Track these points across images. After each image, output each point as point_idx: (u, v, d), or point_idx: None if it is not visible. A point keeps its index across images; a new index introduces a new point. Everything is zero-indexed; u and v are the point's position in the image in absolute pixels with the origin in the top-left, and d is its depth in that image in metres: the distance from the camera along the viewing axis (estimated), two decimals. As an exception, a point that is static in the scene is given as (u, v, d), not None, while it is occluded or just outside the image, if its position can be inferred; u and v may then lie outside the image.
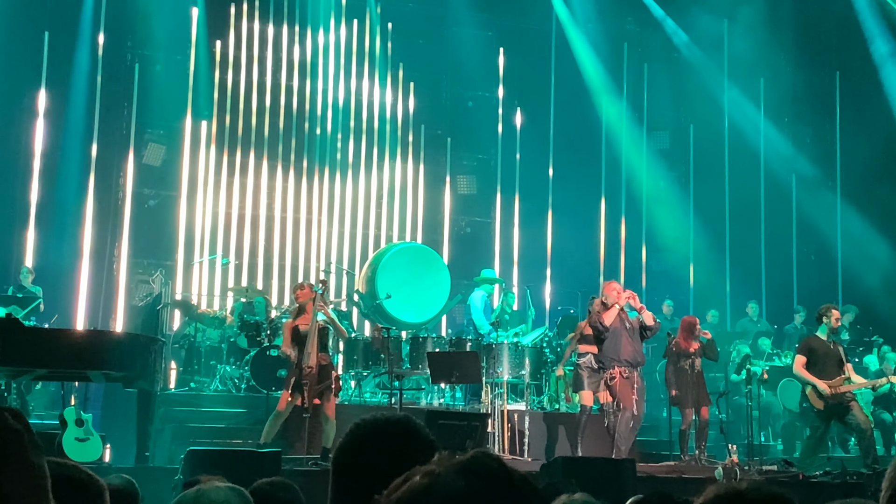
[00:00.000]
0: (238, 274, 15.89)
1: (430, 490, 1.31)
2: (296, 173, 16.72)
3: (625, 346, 10.60)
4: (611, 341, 10.61)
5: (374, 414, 2.01)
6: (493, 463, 1.34)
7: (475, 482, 1.30)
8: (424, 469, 1.35)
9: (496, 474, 1.32)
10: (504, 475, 1.33)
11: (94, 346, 8.31)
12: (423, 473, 1.34)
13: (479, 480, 1.31)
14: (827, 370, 10.69)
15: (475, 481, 1.30)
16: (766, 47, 17.81)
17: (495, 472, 1.33)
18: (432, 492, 1.30)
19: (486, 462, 1.34)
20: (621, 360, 10.56)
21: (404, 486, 1.34)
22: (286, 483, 3.82)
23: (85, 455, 8.47)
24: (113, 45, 15.68)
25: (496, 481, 1.32)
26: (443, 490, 1.30)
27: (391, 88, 17.71)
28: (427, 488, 1.31)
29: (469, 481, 1.30)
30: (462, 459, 1.35)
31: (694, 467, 10.71)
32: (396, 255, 13.77)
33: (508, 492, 1.31)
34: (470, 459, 1.34)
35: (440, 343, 12.59)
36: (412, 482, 1.34)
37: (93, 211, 15.25)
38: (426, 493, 1.31)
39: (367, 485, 1.49)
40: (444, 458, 1.36)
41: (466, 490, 1.30)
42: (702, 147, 18.69)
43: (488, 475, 1.32)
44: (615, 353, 10.59)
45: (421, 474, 1.34)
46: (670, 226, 18.40)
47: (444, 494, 1.29)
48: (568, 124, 18.24)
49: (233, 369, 12.20)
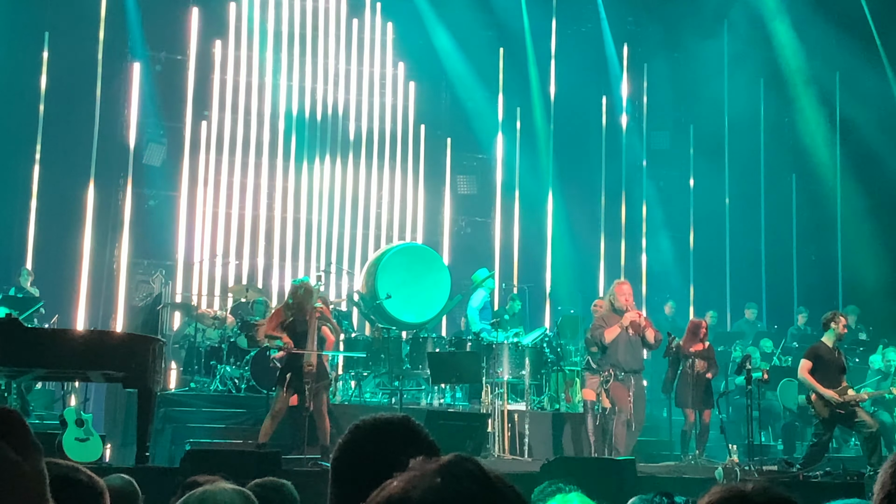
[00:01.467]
0: (238, 274, 15.89)
1: (408, 491, 1.31)
2: (296, 173, 16.72)
3: (623, 351, 10.58)
4: (609, 346, 10.61)
5: (374, 415, 2.01)
6: (470, 465, 1.34)
7: (452, 482, 1.30)
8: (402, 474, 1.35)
9: (474, 475, 1.32)
10: (482, 476, 1.33)
11: (95, 347, 8.30)
12: (400, 478, 1.34)
13: (456, 480, 1.31)
14: (830, 378, 10.65)
15: (452, 481, 1.30)
16: (767, 46, 17.81)
17: (473, 474, 1.32)
18: (410, 493, 1.30)
19: (464, 465, 1.34)
20: (618, 364, 10.55)
21: (383, 491, 1.34)
22: (278, 483, 3.81)
23: (85, 455, 8.46)
24: (112, 45, 15.68)
25: (474, 481, 1.31)
26: (420, 492, 1.30)
27: (391, 88, 17.72)
28: (405, 490, 1.31)
29: (446, 481, 1.30)
30: (440, 462, 1.34)
31: (694, 467, 10.72)
32: (396, 255, 13.76)
33: (486, 492, 1.31)
34: (447, 462, 1.34)
35: (440, 343, 12.58)
36: (389, 486, 1.34)
37: (93, 211, 15.25)
38: (404, 496, 1.30)
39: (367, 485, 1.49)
40: (421, 462, 1.36)
41: (444, 489, 1.29)
42: (702, 147, 18.68)
43: (467, 476, 1.32)
44: (613, 357, 10.58)
45: (398, 479, 1.34)
46: (670, 226, 18.41)
47: (422, 495, 1.29)
48: (568, 124, 18.25)
49: (233, 369, 12.19)
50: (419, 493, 1.30)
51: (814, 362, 10.72)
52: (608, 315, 10.75)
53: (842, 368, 10.81)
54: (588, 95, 18.43)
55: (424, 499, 1.29)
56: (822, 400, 10.60)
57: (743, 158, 18.59)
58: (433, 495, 1.29)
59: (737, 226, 18.55)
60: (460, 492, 1.30)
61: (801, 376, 10.80)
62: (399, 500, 1.31)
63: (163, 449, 10.68)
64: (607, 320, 10.67)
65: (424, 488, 1.30)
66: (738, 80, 18.39)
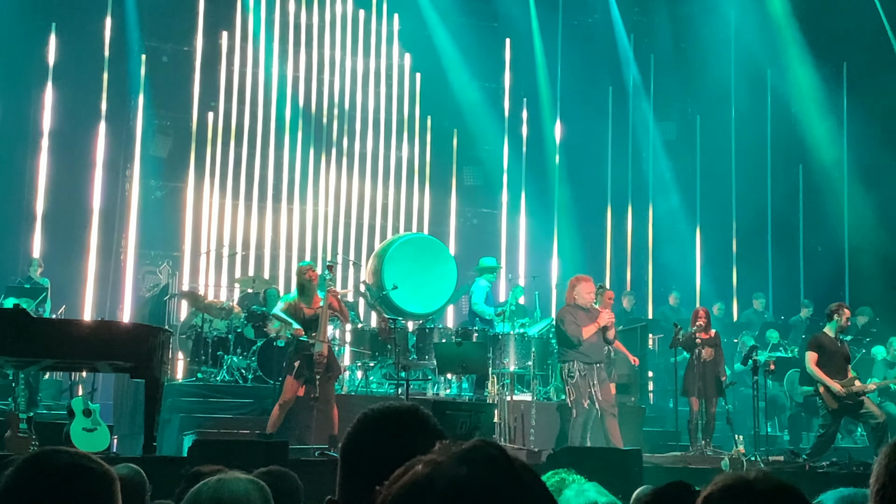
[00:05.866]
0: (245, 265, 15.92)
1: (432, 478, 1.30)
2: (302, 164, 16.73)
3: (588, 344, 10.56)
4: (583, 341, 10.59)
5: (382, 403, 2.02)
6: (494, 451, 1.34)
7: (477, 469, 1.30)
8: (425, 458, 1.34)
9: (498, 462, 1.32)
10: (506, 462, 1.33)
11: (102, 337, 8.32)
12: (424, 462, 1.33)
13: (481, 468, 1.30)
14: (835, 368, 10.70)
15: (477, 468, 1.30)
16: (774, 38, 17.75)
17: (497, 460, 1.32)
18: (434, 480, 1.29)
19: (488, 450, 1.33)
20: (584, 356, 10.52)
21: (406, 476, 1.33)
22: (283, 472, 3.83)
23: (92, 445, 8.49)
24: (119, 36, 15.69)
25: (498, 468, 1.31)
26: (445, 478, 1.29)
27: (397, 79, 17.71)
28: (429, 477, 1.30)
29: (471, 468, 1.30)
30: (463, 448, 1.33)
31: (700, 458, 10.72)
32: (403, 246, 13.75)
33: (511, 479, 1.31)
34: (471, 448, 1.33)
35: (447, 334, 12.59)
36: (414, 471, 1.33)
37: (100, 202, 15.29)
38: (428, 481, 1.30)
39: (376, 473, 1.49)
40: (445, 447, 1.36)
41: (469, 477, 1.29)
42: (709, 138, 18.64)
43: (490, 462, 1.32)
44: (579, 350, 10.55)
45: (422, 463, 1.34)
46: (676, 217, 18.38)
47: (447, 483, 1.28)
48: (574, 115, 18.22)
49: (240, 360, 12.22)
50: (444, 482, 1.29)
51: (818, 353, 10.75)
52: (575, 310, 10.70)
53: (846, 357, 10.87)
54: (595, 86, 18.39)
55: (447, 485, 1.28)
56: (829, 392, 10.63)
57: (749, 149, 18.55)
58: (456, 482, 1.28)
59: (743, 216, 18.51)
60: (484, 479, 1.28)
61: (810, 369, 10.82)
62: (423, 487, 1.30)
63: (170, 439, 10.71)
64: (577, 317, 10.64)
65: (448, 475, 1.29)
66: (745, 70, 18.34)
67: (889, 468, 1.91)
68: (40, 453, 2.19)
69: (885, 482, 1.90)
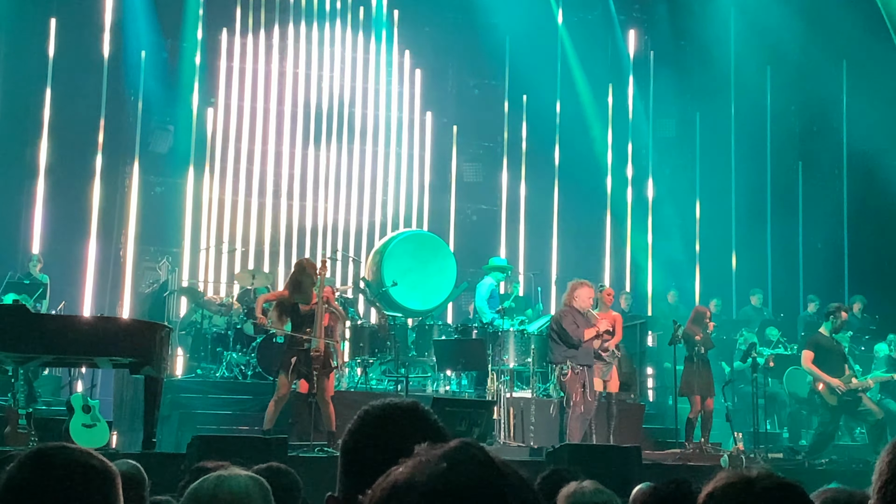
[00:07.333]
0: (245, 261, 15.91)
1: (413, 479, 1.31)
2: (302, 160, 16.72)
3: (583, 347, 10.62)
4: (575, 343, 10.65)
5: (383, 400, 2.02)
6: (475, 450, 1.33)
7: (458, 469, 1.30)
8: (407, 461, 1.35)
9: (480, 462, 1.32)
10: (487, 461, 1.33)
11: (102, 333, 8.33)
12: (405, 464, 1.34)
13: (462, 466, 1.30)
14: (832, 366, 10.81)
15: (458, 468, 1.30)
16: (773, 35, 17.74)
17: (478, 459, 1.32)
18: (415, 481, 1.30)
19: (469, 450, 1.33)
20: (576, 358, 10.57)
21: (388, 478, 1.33)
22: (282, 468, 3.83)
23: (92, 441, 8.49)
24: (119, 31, 15.68)
25: (479, 467, 1.31)
26: (425, 478, 1.30)
27: (397, 76, 17.70)
28: (410, 478, 1.31)
29: (452, 468, 1.30)
30: (445, 448, 1.34)
31: (699, 455, 10.74)
32: (402, 242, 13.76)
33: (492, 477, 1.31)
34: (453, 448, 1.33)
35: (446, 331, 12.60)
36: (395, 472, 1.33)
37: (99, 198, 15.28)
38: (410, 482, 1.31)
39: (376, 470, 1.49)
40: (426, 448, 1.36)
41: (449, 476, 1.29)
42: (708, 135, 18.64)
43: (472, 462, 1.31)
44: (573, 351, 10.60)
45: (404, 465, 1.34)
46: (676, 214, 18.38)
47: (427, 481, 1.29)
48: (574, 112, 18.22)
49: (239, 356, 12.22)
50: (424, 478, 1.29)
51: (815, 352, 10.86)
52: (574, 312, 10.72)
53: (843, 355, 10.99)
54: (594, 82, 18.38)
55: (429, 485, 1.28)
56: (828, 388, 10.68)
57: (749, 145, 18.55)
58: (438, 481, 1.28)
59: (742, 213, 18.51)
60: (466, 477, 1.29)
61: (806, 366, 10.93)
62: (404, 485, 1.30)
63: (169, 435, 10.71)
64: (577, 319, 10.67)
65: (429, 474, 1.29)
66: (745, 67, 18.34)
67: (892, 464, 1.91)
68: (42, 449, 2.19)
69: (888, 478, 1.91)
